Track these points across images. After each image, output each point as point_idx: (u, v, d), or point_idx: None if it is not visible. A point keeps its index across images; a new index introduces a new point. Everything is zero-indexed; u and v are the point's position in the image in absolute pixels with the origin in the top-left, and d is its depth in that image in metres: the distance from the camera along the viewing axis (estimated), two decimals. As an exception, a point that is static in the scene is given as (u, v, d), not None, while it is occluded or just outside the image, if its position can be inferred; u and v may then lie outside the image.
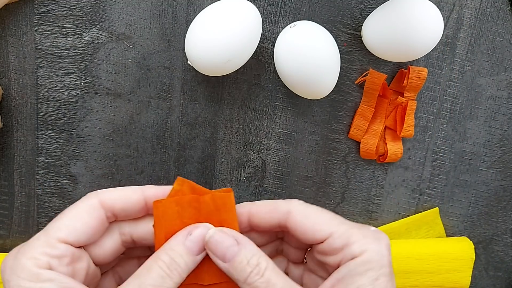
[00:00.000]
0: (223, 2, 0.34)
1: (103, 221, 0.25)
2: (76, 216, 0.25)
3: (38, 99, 0.37)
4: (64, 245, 0.24)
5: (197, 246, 0.25)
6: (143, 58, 0.37)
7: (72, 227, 0.24)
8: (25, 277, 0.22)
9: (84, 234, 0.24)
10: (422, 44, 0.35)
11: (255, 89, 0.39)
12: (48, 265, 0.22)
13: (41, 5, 0.35)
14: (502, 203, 0.45)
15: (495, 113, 0.43)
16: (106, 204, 0.25)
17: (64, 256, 0.23)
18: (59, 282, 0.22)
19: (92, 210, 0.25)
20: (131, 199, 0.26)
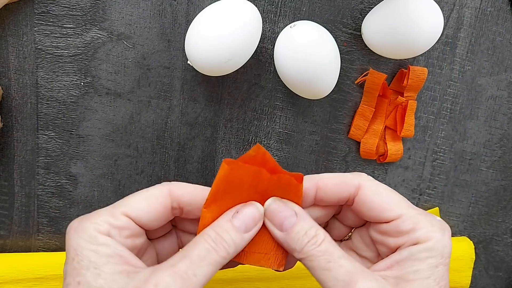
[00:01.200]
0: (223, 2, 0.34)
1: (167, 208, 0.26)
2: (144, 197, 0.26)
3: (38, 99, 0.37)
4: (126, 218, 0.25)
5: (244, 224, 0.26)
6: (143, 58, 0.37)
7: (137, 205, 0.25)
8: (84, 237, 0.23)
9: (146, 214, 0.25)
10: (423, 40, 0.35)
11: (255, 89, 0.39)
12: (108, 233, 0.24)
13: (41, 5, 0.35)
14: (502, 203, 0.45)
15: (495, 113, 0.43)
16: (175, 193, 0.26)
17: (124, 229, 0.24)
18: (114, 248, 0.23)
19: (160, 195, 0.26)
20: (200, 195, 0.26)
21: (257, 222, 0.26)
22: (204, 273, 0.23)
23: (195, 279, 0.23)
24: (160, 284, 0.22)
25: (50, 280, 0.37)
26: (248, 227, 0.26)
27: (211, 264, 0.24)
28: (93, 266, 0.23)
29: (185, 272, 0.23)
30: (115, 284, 0.22)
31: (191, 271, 0.23)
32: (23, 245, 0.39)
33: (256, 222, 0.26)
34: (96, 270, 0.22)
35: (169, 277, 0.22)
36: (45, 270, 0.37)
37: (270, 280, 0.40)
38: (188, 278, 0.23)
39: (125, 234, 0.24)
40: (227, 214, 0.26)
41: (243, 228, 0.26)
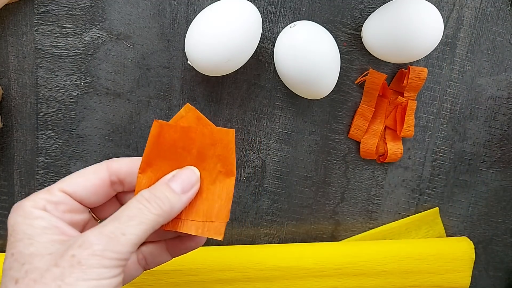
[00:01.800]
0: (223, 2, 0.34)
1: (105, 182, 0.26)
2: (81, 173, 0.26)
3: (37, 99, 0.37)
4: (62, 193, 0.25)
5: (181, 186, 0.26)
6: (142, 57, 0.37)
7: (73, 181, 0.26)
8: (21, 214, 0.24)
9: (83, 188, 0.26)
10: (422, 45, 0.35)
11: (254, 89, 0.39)
12: (44, 208, 0.24)
13: (40, 5, 0.35)
14: (502, 203, 0.45)
15: (495, 113, 0.43)
16: (113, 167, 0.26)
17: (60, 203, 0.25)
18: (49, 220, 0.24)
19: (97, 170, 0.26)
20: (138, 165, 0.27)
21: (194, 185, 0.26)
22: (133, 232, 0.23)
23: (123, 237, 0.22)
24: (84, 244, 0.22)
25: (50, 280, 0.37)
26: (185, 189, 0.26)
27: (143, 223, 0.23)
28: (27, 238, 0.23)
29: (112, 231, 0.23)
30: (45, 250, 0.23)
31: (119, 231, 0.23)
32: (22, 245, 0.39)
33: (193, 184, 0.26)
34: (30, 240, 0.23)
35: (94, 237, 0.22)
36: (45, 270, 0.37)
37: (270, 280, 0.40)
38: (115, 237, 0.22)
39: (62, 208, 0.25)
40: (164, 179, 0.26)
41: (180, 190, 0.26)
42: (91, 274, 0.21)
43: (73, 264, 0.21)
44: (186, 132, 0.26)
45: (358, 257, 0.41)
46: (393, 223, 0.44)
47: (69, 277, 0.21)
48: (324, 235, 0.43)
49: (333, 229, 0.43)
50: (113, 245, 0.22)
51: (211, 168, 0.27)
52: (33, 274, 0.22)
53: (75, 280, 0.21)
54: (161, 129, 0.26)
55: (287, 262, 0.40)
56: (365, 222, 0.44)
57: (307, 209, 0.42)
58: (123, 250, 0.22)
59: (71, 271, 0.21)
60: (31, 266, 0.22)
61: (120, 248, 0.22)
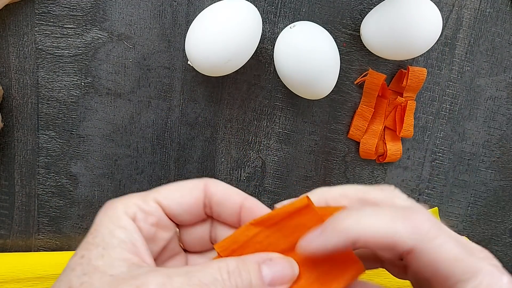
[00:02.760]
0: (223, 2, 0.34)
1: (199, 203, 0.25)
2: (178, 187, 0.25)
3: (38, 99, 0.37)
4: (156, 204, 0.24)
5: (271, 276, 0.22)
6: (143, 58, 0.37)
7: (169, 194, 0.24)
8: (109, 215, 0.23)
9: (177, 204, 0.24)
10: (421, 42, 0.35)
11: (254, 89, 0.39)
12: (134, 215, 0.23)
13: (41, 5, 0.35)
14: (501, 203, 0.45)
15: (494, 114, 0.43)
16: (209, 189, 0.25)
17: (151, 214, 0.24)
18: (130, 234, 0.22)
19: (194, 188, 0.25)
20: (233, 198, 0.25)
21: (286, 283, 0.23)
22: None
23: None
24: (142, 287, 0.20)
25: (50, 279, 0.37)
26: (274, 282, 0.22)
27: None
28: (102, 246, 0.22)
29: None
30: (110, 269, 0.21)
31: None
32: (23, 244, 0.39)
33: (285, 281, 0.23)
34: (103, 251, 0.22)
35: (154, 286, 0.20)
36: (45, 270, 0.37)
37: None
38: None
39: (151, 220, 0.24)
40: (259, 256, 0.23)
41: (268, 280, 0.22)
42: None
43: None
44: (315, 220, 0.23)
45: (357, 256, 0.41)
46: (393, 223, 0.44)
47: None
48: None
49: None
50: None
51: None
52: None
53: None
54: (306, 207, 0.23)
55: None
56: (364, 222, 0.44)
57: (307, 209, 0.42)
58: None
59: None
60: (89, 280, 0.21)
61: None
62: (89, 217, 0.40)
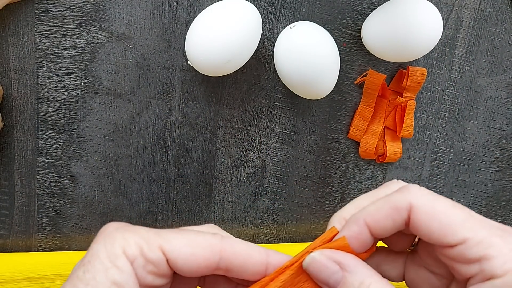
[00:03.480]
0: (223, 2, 0.34)
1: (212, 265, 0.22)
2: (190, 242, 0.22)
3: (38, 99, 0.37)
4: (161, 254, 0.21)
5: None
6: (143, 58, 0.37)
7: (179, 248, 0.22)
8: (108, 248, 0.21)
9: (184, 262, 0.22)
10: (422, 44, 0.35)
11: (254, 89, 0.39)
12: (133, 259, 0.21)
13: (41, 5, 0.35)
14: (501, 203, 0.45)
15: (494, 114, 0.43)
16: (226, 253, 0.22)
17: (152, 264, 0.21)
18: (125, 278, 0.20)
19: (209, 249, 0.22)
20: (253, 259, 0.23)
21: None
22: None
23: None
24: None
25: (50, 279, 0.37)
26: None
27: None
28: (93, 279, 0.20)
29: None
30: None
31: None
32: (23, 244, 0.39)
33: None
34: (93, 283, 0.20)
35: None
36: (45, 270, 0.37)
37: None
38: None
39: (149, 269, 0.21)
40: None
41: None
42: None
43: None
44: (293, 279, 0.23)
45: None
46: (393, 223, 0.44)
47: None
48: (324, 235, 0.44)
49: (333, 229, 0.43)
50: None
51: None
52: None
53: None
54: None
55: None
56: (364, 222, 0.44)
57: (307, 209, 0.42)
58: None
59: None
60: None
61: None
62: (89, 217, 0.40)
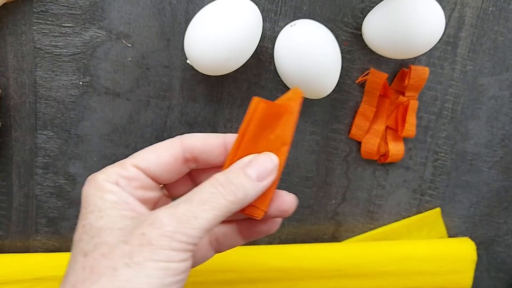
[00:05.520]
0: (223, 0, 0.33)
1: (178, 159, 0.26)
2: (154, 149, 0.26)
3: (36, 99, 0.36)
4: (135, 169, 0.25)
5: (256, 173, 0.25)
6: (142, 57, 0.37)
7: (146, 156, 0.25)
8: (93, 186, 0.24)
9: (155, 165, 0.25)
10: (424, 40, 0.34)
11: (255, 88, 0.39)
12: (116, 182, 0.24)
13: (39, 4, 0.35)
14: (504, 204, 0.45)
15: (497, 113, 0.42)
16: (186, 144, 0.26)
17: (133, 179, 0.24)
18: (120, 195, 0.24)
19: (170, 146, 0.26)
20: (212, 142, 0.26)
21: (271, 173, 0.25)
22: (205, 216, 0.22)
23: (195, 221, 0.22)
24: (155, 223, 0.21)
25: (49, 280, 0.37)
26: (261, 176, 0.25)
27: (215, 208, 0.22)
28: (97, 210, 0.23)
29: (184, 214, 0.22)
30: (115, 225, 0.22)
31: (191, 214, 0.22)
32: (21, 245, 0.39)
33: (270, 172, 0.25)
34: (100, 213, 0.23)
35: (165, 217, 0.22)
36: (44, 271, 0.37)
37: (271, 282, 0.40)
38: (186, 219, 0.22)
39: (134, 184, 0.24)
40: (239, 163, 0.25)
41: (255, 177, 0.24)
42: (160, 255, 0.21)
43: (143, 243, 0.21)
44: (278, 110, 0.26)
45: (359, 258, 0.41)
46: (395, 224, 0.44)
47: (138, 256, 0.21)
48: (325, 236, 0.43)
49: (334, 229, 0.43)
50: (184, 228, 0.21)
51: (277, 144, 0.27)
52: (102, 248, 0.21)
53: (143, 259, 0.21)
54: (258, 106, 0.25)
55: (288, 263, 0.40)
56: (366, 222, 0.43)
57: (308, 209, 0.42)
58: (193, 234, 0.22)
59: (140, 250, 0.21)
60: (100, 239, 0.22)
61: (190, 232, 0.22)
62: (88, 218, 0.39)
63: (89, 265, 0.21)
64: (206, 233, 0.22)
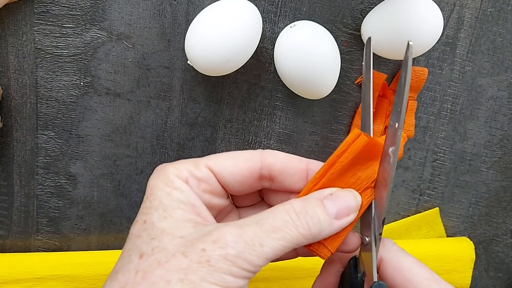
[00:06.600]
0: (223, 1, 0.34)
1: (254, 174, 0.24)
2: (232, 156, 0.24)
3: (37, 99, 0.36)
4: (208, 171, 0.23)
5: (336, 209, 0.22)
6: (142, 57, 0.37)
7: (222, 162, 0.24)
8: (162, 178, 0.23)
9: (230, 173, 0.24)
10: (422, 41, 0.35)
11: (255, 89, 0.39)
12: (186, 180, 0.23)
13: (40, 4, 0.35)
14: (502, 203, 0.45)
15: (495, 114, 0.43)
16: (266, 160, 0.24)
17: (204, 181, 0.23)
18: (188, 195, 0.22)
19: (250, 159, 0.24)
20: (294, 166, 0.24)
21: (351, 212, 0.23)
22: (273, 245, 0.20)
23: (260, 249, 0.20)
24: (220, 241, 0.20)
25: (50, 280, 0.37)
26: (340, 215, 0.22)
27: (284, 239, 0.21)
28: (162, 208, 0.22)
29: (251, 238, 0.20)
30: (177, 231, 0.21)
31: (258, 239, 0.20)
32: (22, 245, 0.39)
33: (350, 211, 0.23)
34: (164, 213, 0.21)
35: (231, 238, 0.20)
36: (45, 270, 0.37)
37: (270, 280, 0.40)
38: (252, 245, 0.20)
39: (203, 187, 0.23)
40: (319, 193, 0.23)
41: (334, 213, 0.22)
42: (217, 278, 0.19)
43: (201, 261, 0.20)
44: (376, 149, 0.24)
45: (358, 257, 0.41)
46: (394, 223, 0.44)
47: (194, 274, 0.19)
48: (324, 236, 0.43)
49: (333, 229, 0.43)
50: (248, 254, 0.20)
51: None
52: (159, 254, 0.20)
53: (199, 279, 0.19)
54: (359, 139, 0.23)
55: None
56: (365, 222, 0.44)
57: (307, 209, 0.42)
58: (256, 262, 0.20)
59: (198, 268, 0.19)
60: (160, 244, 0.21)
61: (253, 259, 0.20)
62: (88, 218, 0.39)
63: (142, 269, 0.20)
64: (268, 262, 0.21)
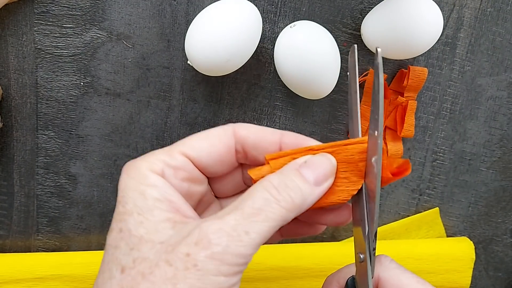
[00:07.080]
0: (223, 2, 0.34)
1: (231, 150, 0.23)
2: (205, 136, 0.23)
3: (37, 99, 0.37)
4: (183, 157, 0.22)
5: (314, 175, 0.21)
6: (142, 58, 0.37)
7: (197, 144, 0.22)
8: (133, 176, 0.21)
9: (207, 154, 0.22)
10: (422, 40, 0.35)
11: (254, 89, 0.39)
12: (161, 172, 0.21)
13: (40, 5, 0.35)
14: (502, 203, 0.45)
15: (495, 113, 0.43)
16: (239, 134, 0.23)
17: (180, 169, 0.21)
18: (164, 191, 0.20)
19: (223, 134, 0.23)
20: (267, 139, 0.23)
21: (329, 177, 0.22)
22: (258, 230, 0.19)
23: (247, 237, 0.18)
24: (202, 241, 0.18)
25: (50, 280, 0.37)
26: (319, 180, 0.21)
27: (270, 219, 0.19)
28: (137, 212, 0.20)
29: (234, 228, 0.18)
30: (156, 236, 0.19)
31: (242, 228, 0.19)
32: (22, 245, 0.39)
33: (328, 176, 0.22)
34: (140, 217, 0.20)
35: (213, 234, 0.18)
36: (45, 270, 0.37)
37: (270, 280, 0.40)
38: (237, 236, 0.18)
39: (181, 175, 0.21)
40: (294, 163, 0.22)
41: (313, 180, 0.21)
42: (207, 281, 0.18)
43: (188, 267, 0.18)
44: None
45: (358, 257, 0.41)
46: (393, 223, 0.44)
47: (183, 282, 0.18)
48: (324, 235, 0.43)
49: (333, 229, 0.43)
50: (234, 247, 0.18)
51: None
52: (141, 265, 0.19)
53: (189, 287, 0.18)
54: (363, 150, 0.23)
55: (287, 262, 0.40)
56: (365, 222, 0.44)
57: (307, 209, 0.42)
58: (245, 253, 0.19)
59: (185, 275, 0.18)
60: (140, 254, 0.19)
61: (242, 251, 0.19)
62: (88, 218, 0.39)
63: (126, 285, 0.19)
64: (258, 248, 0.19)
